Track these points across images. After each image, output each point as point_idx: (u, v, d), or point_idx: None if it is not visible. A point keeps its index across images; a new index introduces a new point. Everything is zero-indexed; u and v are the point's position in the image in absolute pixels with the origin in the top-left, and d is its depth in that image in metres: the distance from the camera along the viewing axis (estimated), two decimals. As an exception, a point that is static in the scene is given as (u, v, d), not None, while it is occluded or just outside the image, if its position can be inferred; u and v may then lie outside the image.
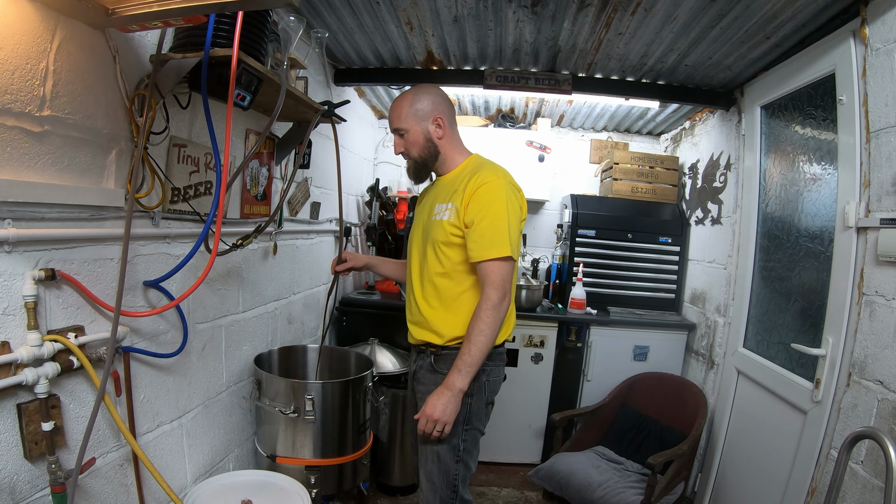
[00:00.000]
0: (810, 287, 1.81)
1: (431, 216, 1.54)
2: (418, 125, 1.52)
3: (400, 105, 1.52)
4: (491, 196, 1.41)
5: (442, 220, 1.48)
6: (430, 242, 1.51)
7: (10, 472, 0.97)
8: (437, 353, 1.54)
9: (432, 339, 1.53)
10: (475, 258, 1.41)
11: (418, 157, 1.55)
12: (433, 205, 1.56)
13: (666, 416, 2.41)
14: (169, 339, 1.43)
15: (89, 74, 1.07)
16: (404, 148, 1.55)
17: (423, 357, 1.59)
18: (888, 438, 1.05)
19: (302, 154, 1.99)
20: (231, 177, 1.42)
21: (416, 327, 1.59)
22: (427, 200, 1.65)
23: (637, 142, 3.48)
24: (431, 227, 1.52)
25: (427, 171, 1.58)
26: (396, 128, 1.53)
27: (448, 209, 1.48)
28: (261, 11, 1.26)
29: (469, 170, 1.53)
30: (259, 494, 1.47)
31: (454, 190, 1.49)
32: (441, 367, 1.52)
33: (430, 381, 1.53)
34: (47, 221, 1.02)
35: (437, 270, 1.51)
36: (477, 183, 1.43)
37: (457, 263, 1.49)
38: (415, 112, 1.52)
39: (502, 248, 1.39)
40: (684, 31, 1.84)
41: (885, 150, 1.43)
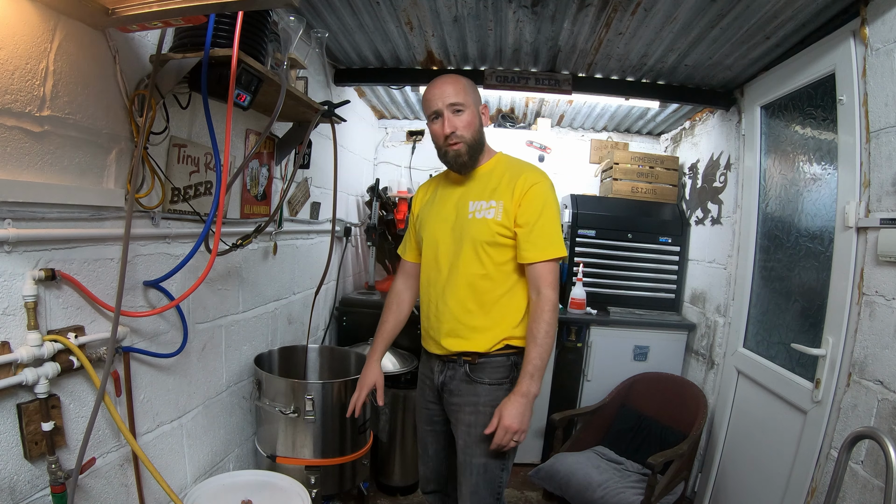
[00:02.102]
0: (810, 287, 1.81)
1: (465, 214, 1.44)
2: (474, 107, 1.43)
3: (457, 80, 1.41)
4: (544, 196, 1.39)
5: (486, 219, 1.40)
6: (469, 242, 1.41)
7: (10, 472, 0.97)
8: (474, 361, 1.44)
9: (472, 348, 1.43)
10: (531, 259, 1.36)
11: (472, 141, 1.42)
12: (463, 202, 1.47)
13: (666, 416, 2.41)
14: (169, 339, 1.43)
15: (89, 74, 1.07)
16: (456, 127, 1.39)
17: (452, 367, 1.48)
18: (888, 438, 1.05)
19: (302, 154, 1.99)
20: (231, 177, 1.42)
21: (449, 337, 1.45)
22: (450, 196, 1.52)
23: (637, 142, 3.48)
24: (469, 226, 1.42)
25: (474, 160, 1.46)
26: (455, 102, 1.38)
27: (492, 207, 1.40)
28: (261, 11, 1.26)
29: (505, 167, 1.47)
30: (259, 494, 1.47)
31: (494, 188, 1.42)
32: (480, 376, 1.43)
33: (469, 392, 1.44)
34: (47, 221, 1.02)
35: (478, 272, 1.41)
36: (528, 182, 1.39)
37: (500, 264, 1.41)
38: (472, 91, 1.43)
39: (559, 248, 1.37)
40: (684, 31, 1.84)
41: (885, 150, 1.43)
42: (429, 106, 1.43)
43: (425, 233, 1.54)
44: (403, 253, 1.69)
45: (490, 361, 1.43)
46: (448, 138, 1.41)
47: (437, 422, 1.57)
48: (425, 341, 1.56)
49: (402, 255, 1.69)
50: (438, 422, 1.57)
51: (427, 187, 1.67)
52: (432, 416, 1.58)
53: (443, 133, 1.41)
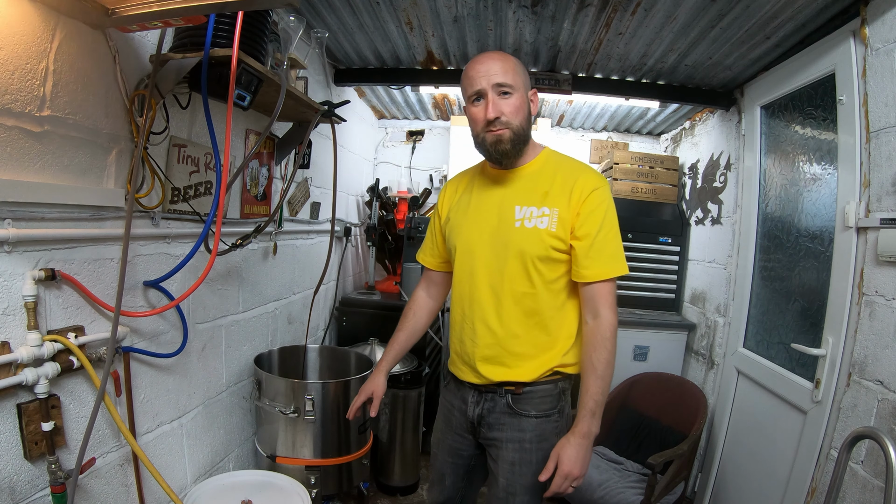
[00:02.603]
0: (810, 287, 1.81)
1: (510, 221, 1.23)
2: (524, 90, 1.21)
3: (506, 57, 1.20)
4: (606, 204, 1.21)
5: (538, 229, 1.20)
6: (518, 255, 1.21)
7: (10, 472, 0.97)
8: (517, 391, 1.26)
9: (515, 378, 1.24)
10: (591, 277, 1.18)
11: (518, 129, 1.20)
12: (507, 206, 1.25)
13: (666, 416, 2.41)
14: (169, 339, 1.43)
15: (89, 74, 1.07)
16: (503, 112, 1.18)
17: (491, 399, 1.29)
18: (888, 438, 1.05)
19: (302, 154, 1.99)
20: (231, 177, 1.42)
21: (489, 365, 1.26)
22: (489, 198, 1.29)
23: (637, 142, 3.48)
24: (517, 237, 1.22)
25: (518, 152, 1.24)
26: (503, 83, 1.17)
27: (545, 216, 1.20)
28: (261, 11, 1.26)
29: (555, 166, 1.26)
30: (259, 494, 1.46)
31: (545, 191, 1.22)
32: (525, 407, 1.26)
33: (513, 427, 1.27)
34: (47, 221, 1.02)
35: (525, 290, 1.22)
36: (588, 186, 1.20)
37: (550, 281, 1.22)
38: (522, 72, 1.21)
39: (621, 265, 1.21)
40: (684, 31, 1.84)
41: (885, 150, 1.43)
42: (470, 84, 1.20)
43: (458, 239, 1.31)
44: (424, 259, 1.49)
45: (536, 391, 1.26)
46: (491, 124, 1.18)
47: (463, 455, 1.39)
48: (455, 367, 1.36)
49: (423, 263, 1.49)
50: (466, 455, 1.39)
51: (457, 184, 1.42)
52: (459, 449, 1.38)
53: (484, 117, 1.18)
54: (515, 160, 1.26)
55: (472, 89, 1.20)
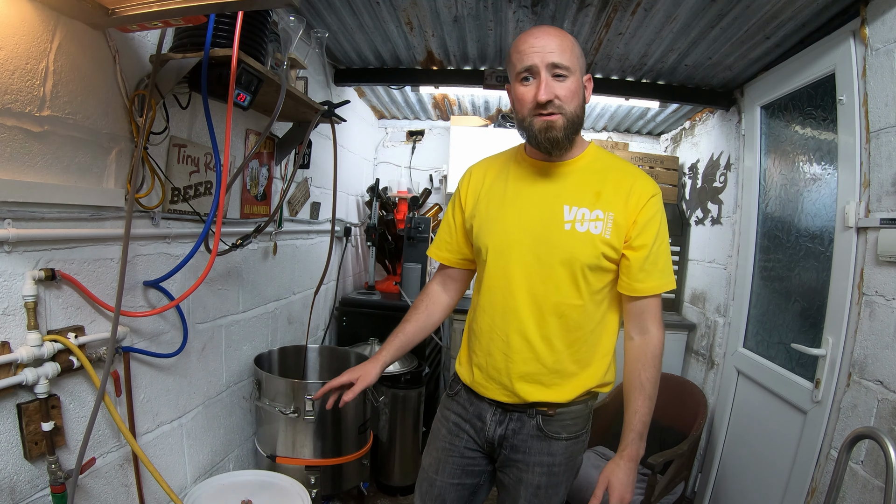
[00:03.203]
0: (810, 287, 1.81)
1: (559, 222, 1.10)
2: (580, 73, 1.07)
3: (564, 36, 1.06)
4: (662, 213, 1.12)
5: (592, 234, 1.08)
6: (566, 262, 1.09)
7: (10, 472, 0.97)
8: (550, 413, 1.16)
9: (553, 398, 1.14)
10: (645, 291, 1.10)
11: (573, 116, 1.06)
12: (554, 204, 1.11)
13: (666, 416, 2.41)
14: (169, 339, 1.43)
15: (89, 74, 1.07)
16: (557, 95, 1.03)
17: (519, 419, 1.18)
18: (888, 438, 1.05)
19: (302, 154, 1.99)
20: (231, 177, 1.42)
21: (525, 383, 1.14)
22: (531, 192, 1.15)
23: (637, 142, 3.48)
24: (567, 241, 1.09)
25: (570, 142, 1.10)
26: (559, 63, 1.02)
27: (600, 220, 1.08)
28: (261, 11, 1.26)
29: (606, 165, 1.15)
30: (259, 494, 1.46)
31: (598, 191, 1.10)
32: (556, 430, 1.16)
33: (542, 450, 1.16)
34: (47, 221, 1.02)
35: (573, 302, 1.10)
36: (647, 191, 1.10)
37: (595, 292, 1.12)
38: (580, 54, 1.08)
39: (673, 279, 1.14)
40: (684, 31, 1.84)
41: (885, 150, 1.43)
42: (520, 59, 1.05)
43: (490, 238, 1.16)
44: (439, 255, 1.32)
45: (569, 412, 1.17)
46: (542, 107, 1.04)
47: (472, 473, 1.25)
48: (474, 380, 1.21)
49: (437, 259, 1.33)
50: (475, 473, 1.25)
51: (485, 171, 1.24)
52: (466, 468, 1.24)
53: (534, 98, 1.03)
54: (566, 152, 1.12)
55: (523, 65, 1.04)
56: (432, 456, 1.28)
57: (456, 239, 1.28)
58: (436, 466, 1.26)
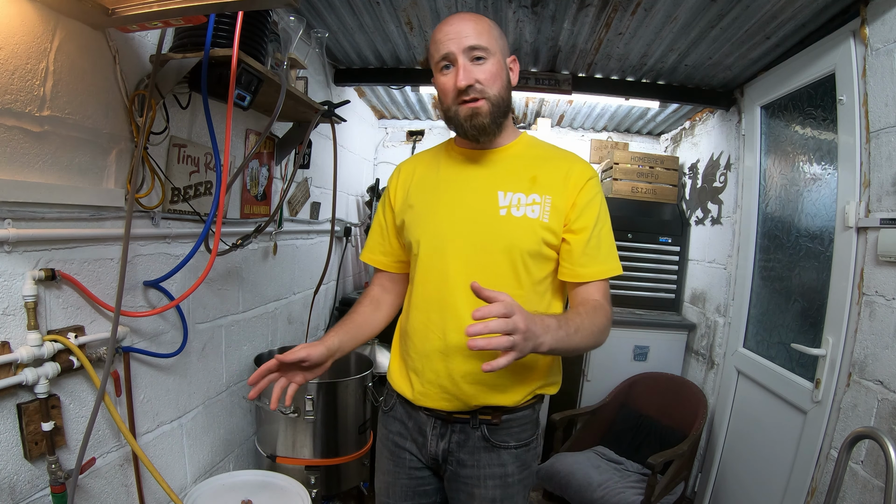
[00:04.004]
0: (810, 287, 1.81)
1: (494, 208, 1.04)
2: (501, 55, 1.04)
3: (480, 19, 1.02)
4: (601, 196, 1.07)
5: (528, 219, 1.03)
6: (506, 250, 1.03)
7: (10, 472, 0.97)
8: (495, 420, 1.07)
9: (498, 401, 1.05)
10: (589, 276, 1.03)
11: (497, 99, 1.02)
12: (488, 190, 1.06)
13: (666, 416, 2.41)
14: (169, 339, 1.43)
15: (89, 74, 1.07)
16: (477, 79, 0.99)
17: (462, 430, 1.09)
18: (888, 438, 1.05)
19: (302, 154, 1.99)
20: (231, 177, 1.42)
21: (467, 384, 1.05)
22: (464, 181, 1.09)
23: (637, 142, 3.48)
24: (504, 227, 1.03)
25: (498, 126, 1.05)
26: (476, 45, 0.99)
27: (537, 204, 1.03)
28: (261, 11, 1.26)
29: (541, 150, 1.11)
30: (259, 494, 1.46)
31: (534, 176, 1.05)
32: (503, 438, 1.08)
33: (492, 462, 1.08)
34: (47, 221, 1.02)
35: (514, 292, 0.97)
36: (584, 174, 1.05)
37: (537, 282, 1.05)
38: (499, 35, 1.04)
39: (618, 264, 1.07)
40: (684, 31, 1.84)
41: (885, 150, 1.43)
42: (437, 50, 1.01)
43: (422, 231, 1.10)
44: (373, 259, 1.24)
45: (515, 418, 1.09)
46: (463, 93, 1.00)
47: (425, 493, 1.16)
48: (411, 389, 1.11)
49: (372, 263, 1.25)
50: (428, 493, 1.16)
51: (414, 166, 1.21)
52: (417, 488, 1.15)
53: (455, 86, 1.00)
54: (495, 137, 1.08)
55: (440, 53, 1.01)
56: (381, 480, 1.20)
57: (389, 240, 1.21)
58: (386, 490, 1.18)
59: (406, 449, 1.14)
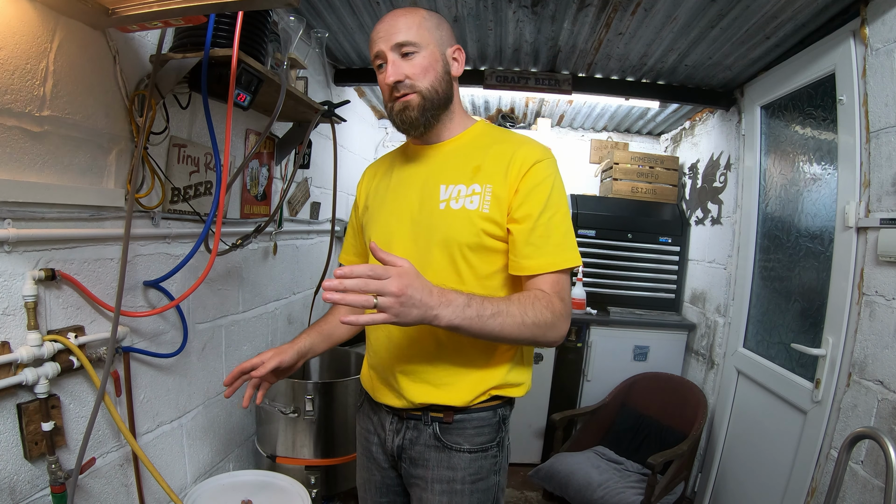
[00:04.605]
0: (810, 287, 1.81)
1: (434, 203, 1.02)
2: (437, 46, 1.01)
3: (411, 12, 1.01)
4: (552, 180, 0.99)
5: (466, 210, 0.98)
6: (442, 243, 1.00)
7: (10, 472, 0.97)
8: (447, 419, 1.02)
9: (444, 400, 1.01)
10: (532, 269, 0.96)
11: (429, 90, 1.00)
12: (431, 185, 1.04)
13: (666, 416, 2.41)
14: (169, 339, 1.43)
15: (89, 74, 1.07)
16: (406, 74, 0.99)
17: (415, 427, 1.05)
18: (888, 438, 1.05)
19: (302, 154, 1.99)
20: (231, 177, 1.42)
21: (411, 383, 1.02)
22: (411, 179, 1.09)
23: (637, 142, 3.48)
24: (441, 221, 1.00)
25: (433, 119, 1.03)
26: (403, 41, 0.98)
27: (476, 194, 0.99)
28: (261, 11, 1.26)
29: (491, 139, 1.06)
30: (259, 494, 1.46)
31: (476, 166, 1.01)
32: (456, 440, 1.03)
33: (441, 463, 1.03)
34: (47, 221, 1.02)
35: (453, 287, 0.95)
36: (528, 158, 0.98)
37: (483, 277, 1.00)
38: (433, 27, 1.02)
39: (571, 254, 0.98)
40: (684, 31, 1.84)
41: (885, 150, 1.43)
42: (371, 49, 1.02)
43: (373, 231, 1.11)
44: (346, 260, 1.28)
45: (470, 419, 1.03)
46: (396, 89, 1.00)
47: (394, 490, 1.15)
48: (371, 385, 1.13)
49: (345, 264, 1.26)
50: (396, 490, 1.15)
51: (376, 169, 1.22)
52: (388, 485, 1.14)
53: (385, 83, 1.00)
54: (435, 132, 1.06)
55: (373, 53, 1.01)
56: (359, 476, 1.21)
57: (359, 242, 1.24)
58: (363, 486, 1.19)
59: (374, 444, 1.15)
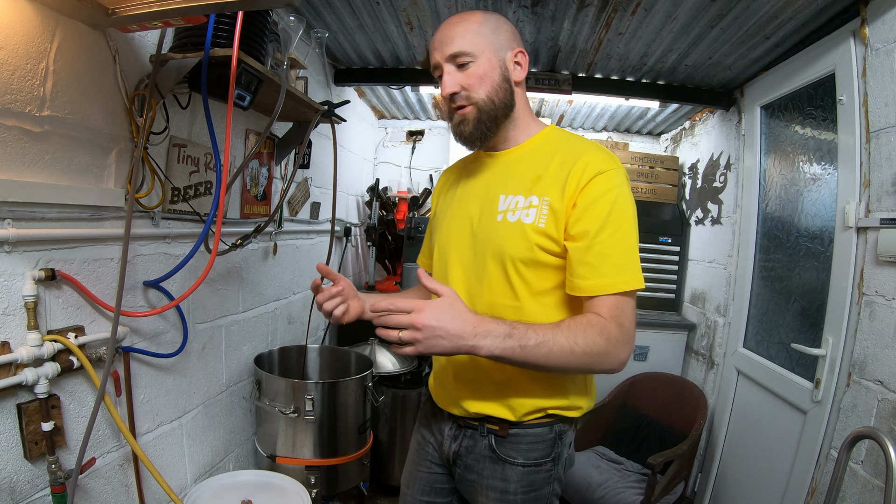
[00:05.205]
0: (810, 287, 1.81)
1: (493, 213, 0.99)
2: (493, 53, 0.97)
3: (466, 19, 0.97)
4: (615, 194, 0.90)
5: (522, 224, 0.94)
6: (496, 256, 0.97)
7: (10, 472, 0.97)
8: (502, 433, 1.02)
9: (499, 413, 1.00)
10: (589, 290, 0.90)
11: (486, 101, 0.96)
12: (491, 195, 1.01)
13: (666, 416, 2.41)
14: (169, 339, 1.43)
15: (89, 74, 1.07)
16: (462, 86, 0.96)
17: (471, 436, 1.06)
18: (888, 438, 1.05)
19: (302, 154, 1.99)
20: (231, 177, 1.42)
21: (467, 391, 1.03)
22: (475, 187, 1.06)
23: (637, 142, 3.48)
24: (497, 232, 0.97)
25: (493, 129, 0.99)
26: (458, 52, 0.95)
27: (533, 207, 0.94)
28: (261, 11, 1.26)
29: (556, 145, 1.00)
30: (259, 494, 1.46)
31: (537, 176, 0.96)
32: (510, 453, 1.02)
33: (495, 474, 1.03)
34: (47, 221, 1.02)
35: (506, 302, 0.97)
36: (591, 169, 0.91)
37: (538, 293, 0.96)
38: (489, 31, 0.97)
39: (633, 275, 0.90)
40: (684, 31, 1.84)
41: (885, 150, 1.43)
42: (431, 59, 1.01)
43: (436, 239, 1.13)
44: (420, 262, 1.29)
45: (525, 434, 1.02)
46: (452, 100, 0.98)
47: (439, 491, 1.16)
48: (434, 390, 1.15)
49: (420, 265, 1.29)
50: (444, 492, 1.16)
51: (450, 173, 1.21)
52: (434, 484, 1.15)
53: (443, 96, 0.99)
54: (498, 139, 1.03)
55: (431, 65, 1.00)
56: (406, 469, 1.23)
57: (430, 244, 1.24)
58: (407, 480, 1.20)
59: (430, 444, 1.16)
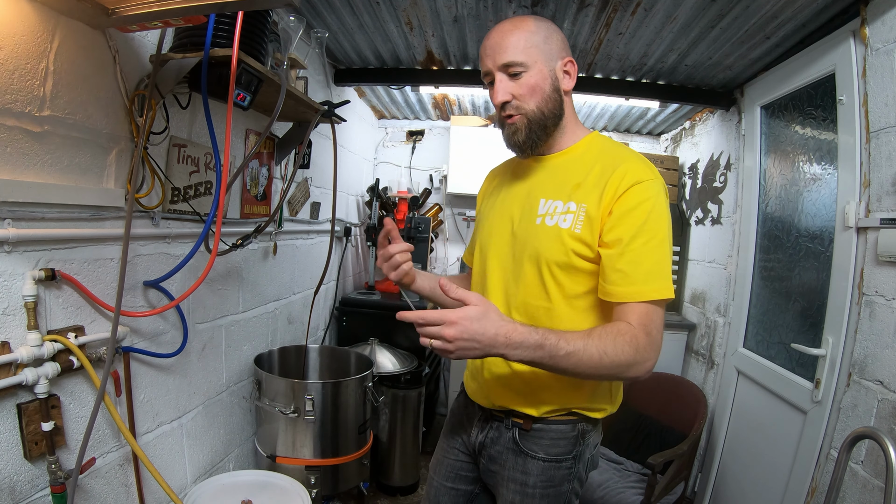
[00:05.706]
0: (810, 287, 1.81)
1: (532, 217, 1.04)
2: (545, 63, 1.00)
3: (515, 30, 0.98)
4: (651, 204, 0.94)
5: (559, 228, 0.99)
6: (533, 258, 1.01)
7: (10, 472, 0.97)
8: (526, 427, 1.07)
9: (521, 408, 1.06)
10: (619, 296, 0.93)
11: (535, 113, 1.00)
12: (532, 199, 1.05)
13: (666, 416, 2.41)
14: (169, 339, 1.43)
15: (89, 74, 1.07)
16: (513, 95, 0.99)
17: (497, 428, 1.11)
18: (888, 438, 1.05)
19: (302, 154, 1.99)
20: (231, 177, 1.42)
21: (496, 387, 1.08)
22: (517, 190, 1.11)
23: (637, 142, 3.48)
24: (535, 235, 1.02)
25: (543, 138, 1.03)
26: (510, 62, 0.97)
27: (570, 212, 0.98)
28: (261, 11, 1.26)
29: (597, 153, 1.04)
30: (259, 494, 1.46)
31: (577, 183, 1.00)
32: (532, 447, 1.06)
33: (516, 466, 1.08)
34: (47, 221, 1.02)
35: (539, 303, 1.02)
36: (628, 178, 0.95)
37: (571, 296, 1.00)
38: (541, 41, 0.99)
39: (664, 285, 0.92)
40: (684, 31, 1.84)
41: (885, 150, 1.43)
42: (481, 65, 1.04)
43: (478, 238, 1.19)
44: (466, 258, 1.35)
45: (548, 430, 1.06)
46: (503, 109, 1.02)
47: (463, 478, 1.20)
48: (467, 381, 1.21)
49: (465, 261, 1.35)
50: (469, 479, 1.20)
51: (496, 173, 1.26)
52: (459, 471, 1.21)
53: (495, 102, 1.02)
54: (542, 148, 1.06)
55: (482, 70, 1.03)
56: (435, 455, 1.27)
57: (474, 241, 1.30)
58: (435, 466, 1.26)
59: (460, 433, 1.21)
